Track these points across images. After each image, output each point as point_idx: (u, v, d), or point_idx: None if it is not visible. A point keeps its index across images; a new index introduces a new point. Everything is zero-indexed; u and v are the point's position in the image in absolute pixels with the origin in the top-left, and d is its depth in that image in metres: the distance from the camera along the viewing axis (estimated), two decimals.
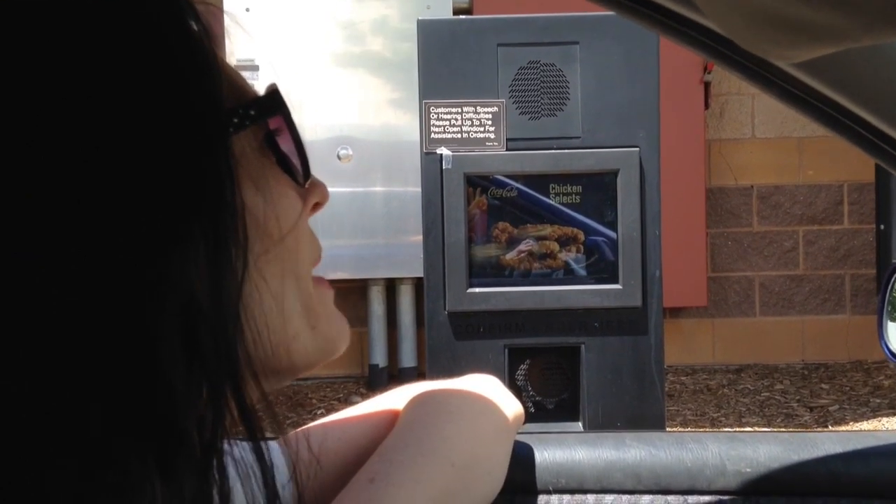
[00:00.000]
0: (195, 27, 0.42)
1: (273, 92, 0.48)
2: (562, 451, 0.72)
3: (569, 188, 2.10)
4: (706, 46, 0.57)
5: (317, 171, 0.48)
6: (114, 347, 0.36)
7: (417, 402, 0.64)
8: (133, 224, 0.37)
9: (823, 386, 3.99)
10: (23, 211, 0.36)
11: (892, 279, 1.01)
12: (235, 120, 0.44)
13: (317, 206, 0.52)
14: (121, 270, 0.37)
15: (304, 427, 0.68)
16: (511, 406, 0.68)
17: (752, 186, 4.36)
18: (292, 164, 0.48)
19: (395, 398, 0.69)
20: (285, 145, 0.48)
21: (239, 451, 0.42)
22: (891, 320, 1.00)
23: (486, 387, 0.68)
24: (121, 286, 0.36)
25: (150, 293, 0.37)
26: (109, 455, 0.36)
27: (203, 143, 0.40)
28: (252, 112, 0.45)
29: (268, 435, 0.44)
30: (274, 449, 0.61)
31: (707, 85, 4.09)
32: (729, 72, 0.60)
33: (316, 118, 3.79)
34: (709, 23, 0.53)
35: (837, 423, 3.53)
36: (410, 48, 2.55)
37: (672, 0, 0.53)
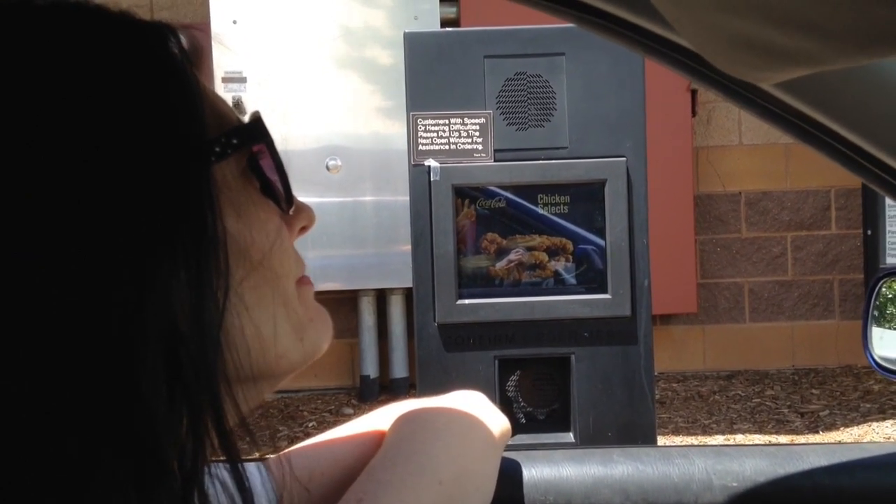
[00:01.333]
0: (180, 58, 0.42)
1: (256, 120, 0.48)
2: (549, 467, 0.72)
3: (557, 198, 2.11)
4: (687, 67, 0.58)
5: (306, 181, 0.49)
6: (95, 374, 0.37)
7: (403, 421, 0.64)
8: (114, 252, 0.37)
9: (814, 391, 4.01)
10: (4, 246, 0.36)
11: (876, 288, 1.02)
12: (217, 149, 0.44)
13: (303, 229, 0.53)
14: (103, 297, 0.37)
15: (290, 449, 0.68)
16: (497, 422, 0.69)
17: (740, 193, 4.38)
18: (276, 190, 0.49)
19: (381, 417, 0.69)
20: (269, 172, 0.48)
21: (224, 474, 0.42)
22: (877, 326, 1.01)
23: (472, 403, 0.69)
24: (103, 312, 0.37)
25: (132, 319, 0.37)
26: (90, 482, 0.36)
27: (185, 173, 0.40)
28: (235, 141, 0.45)
29: (253, 457, 0.44)
30: (262, 471, 0.61)
31: (694, 93, 4.12)
32: (710, 91, 0.61)
33: (304, 129, 3.79)
34: (688, 44, 0.54)
35: (828, 428, 3.54)
36: (398, 57, 2.56)
37: (651, 22, 0.54)
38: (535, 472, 0.71)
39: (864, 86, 0.53)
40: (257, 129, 0.47)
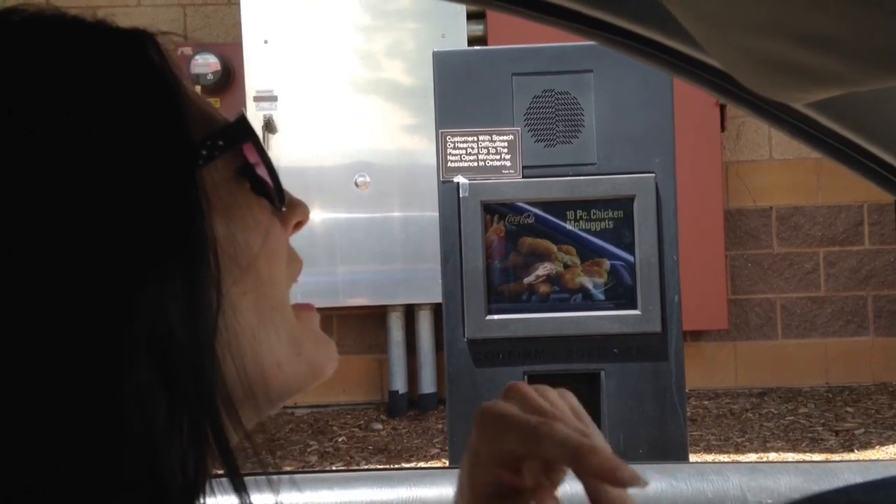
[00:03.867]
0: (159, 63, 0.42)
1: (240, 119, 0.47)
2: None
3: (585, 214, 2.11)
4: (717, 86, 0.58)
5: (335, 198, 0.48)
6: (89, 387, 0.36)
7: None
8: (101, 258, 0.37)
9: (848, 409, 3.94)
10: None
11: None
12: (204, 152, 0.44)
13: (298, 224, 0.51)
14: (94, 308, 0.37)
15: None
16: None
17: (770, 208, 4.34)
18: (268, 188, 0.47)
19: None
20: (258, 170, 0.47)
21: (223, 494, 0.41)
22: None
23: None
24: (94, 324, 0.37)
25: (124, 329, 0.37)
26: (84, 495, 0.36)
27: (171, 177, 0.40)
28: (221, 142, 0.44)
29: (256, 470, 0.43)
30: None
31: (723, 108, 4.09)
32: (740, 110, 0.61)
33: (333, 145, 3.83)
34: (718, 64, 0.54)
35: (863, 447, 3.48)
36: (426, 75, 2.59)
37: (681, 42, 0.55)
38: (569, 487, 0.72)
39: (894, 104, 0.53)
40: (242, 128, 0.46)
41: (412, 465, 3.35)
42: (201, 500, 0.40)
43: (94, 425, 0.36)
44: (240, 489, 0.41)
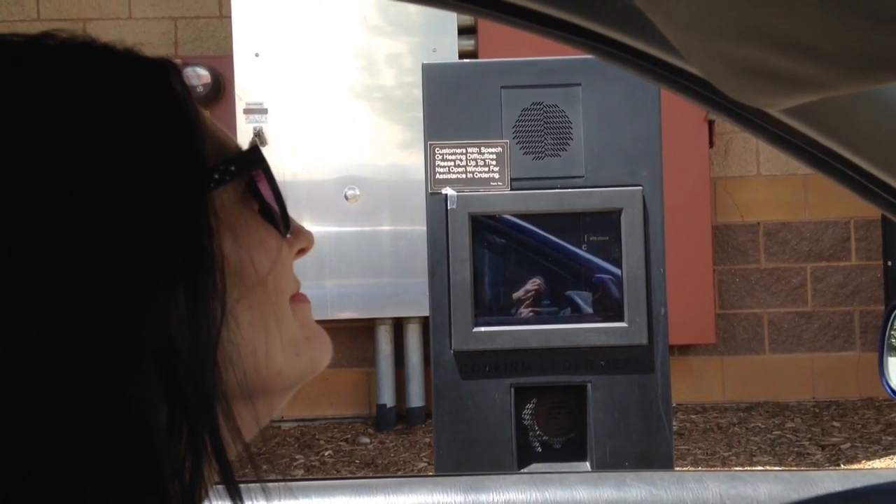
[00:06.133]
0: (181, 91, 0.45)
1: (253, 148, 0.50)
2: (563, 491, 0.72)
3: (573, 227, 2.12)
4: (697, 94, 0.59)
5: (324, 211, 0.49)
6: (97, 390, 0.38)
7: None
8: (113, 272, 0.39)
9: (835, 424, 3.95)
10: (11, 259, 0.38)
11: (892, 318, 1.02)
12: (216, 176, 0.46)
13: (302, 251, 0.54)
14: (103, 315, 0.38)
15: None
16: None
17: (758, 223, 4.36)
18: (274, 213, 0.50)
19: None
20: (266, 196, 0.50)
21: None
22: (891, 356, 1.00)
23: None
24: (103, 330, 0.38)
25: (131, 336, 0.39)
26: (81, 500, 0.37)
27: (184, 199, 0.43)
28: (232, 168, 0.47)
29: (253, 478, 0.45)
30: None
31: (711, 123, 4.12)
32: (721, 118, 0.62)
33: (323, 159, 3.83)
34: (697, 71, 0.55)
35: (849, 461, 3.49)
36: (417, 89, 2.60)
37: (662, 50, 0.55)
38: (549, 495, 0.72)
39: (871, 112, 0.54)
40: (254, 156, 0.49)
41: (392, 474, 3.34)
42: None
43: (99, 428, 0.37)
44: (235, 497, 0.42)
